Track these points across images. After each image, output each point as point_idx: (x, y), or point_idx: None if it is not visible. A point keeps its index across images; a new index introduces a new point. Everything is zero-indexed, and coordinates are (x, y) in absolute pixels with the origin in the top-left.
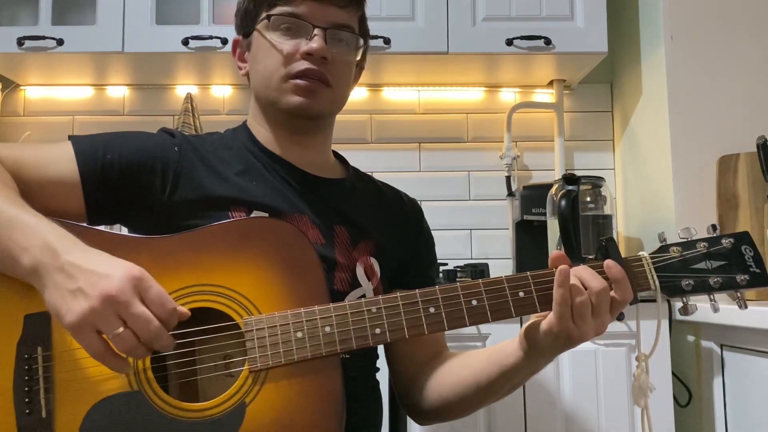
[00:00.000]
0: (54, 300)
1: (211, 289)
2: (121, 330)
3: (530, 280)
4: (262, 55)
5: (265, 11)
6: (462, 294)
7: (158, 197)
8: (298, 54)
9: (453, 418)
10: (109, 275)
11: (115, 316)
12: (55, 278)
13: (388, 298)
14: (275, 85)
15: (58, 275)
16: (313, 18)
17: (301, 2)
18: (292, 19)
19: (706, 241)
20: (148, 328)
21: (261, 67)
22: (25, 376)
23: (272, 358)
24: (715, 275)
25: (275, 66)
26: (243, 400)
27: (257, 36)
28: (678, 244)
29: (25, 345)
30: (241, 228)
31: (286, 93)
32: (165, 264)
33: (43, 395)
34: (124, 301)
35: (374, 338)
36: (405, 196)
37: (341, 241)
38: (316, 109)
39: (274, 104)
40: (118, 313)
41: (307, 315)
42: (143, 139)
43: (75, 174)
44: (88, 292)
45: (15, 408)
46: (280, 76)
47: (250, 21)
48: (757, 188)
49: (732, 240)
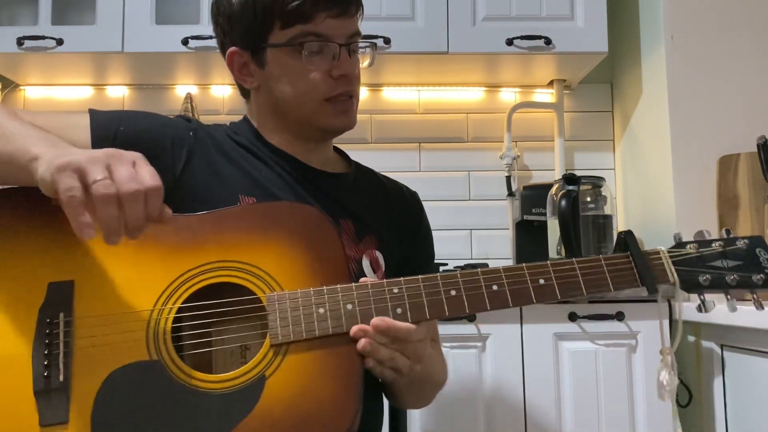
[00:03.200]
0: (49, 157)
1: (235, 265)
2: (103, 176)
3: (550, 268)
4: (291, 78)
5: (279, 28)
6: (483, 278)
7: (168, 174)
8: (332, 76)
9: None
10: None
11: (104, 167)
12: (58, 151)
13: (410, 279)
14: (311, 107)
15: (62, 150)
16: (335, 36)
17: (321, 21)
18: (320, 42)
19: (722, 242)
20: (130, 185)
21: (289, 89)
22: (45, 340)
23: (294, 332)
24: (731, 273)
25: (308, 89)
26: (263, 373)
27: (277, 56)
28: (694, 242)
29: (47, 311)
30: (266, 209)
31: (325, 115)
32: (190, 239)
33: (62, 360)
34: (120, 158)
35: (395, 318)
36: (405, 189)
37: (348, 234)
38: (353, 125)
39: (308, 124)
40: (108, 166)
41: (330, 292)
42: (159, 118)
43: (87, 143)
44: (89, 152)
45: (33, 371)
46: (317, 99)
47: (256, 36)
48: (757, 188)
49: (747, 242)
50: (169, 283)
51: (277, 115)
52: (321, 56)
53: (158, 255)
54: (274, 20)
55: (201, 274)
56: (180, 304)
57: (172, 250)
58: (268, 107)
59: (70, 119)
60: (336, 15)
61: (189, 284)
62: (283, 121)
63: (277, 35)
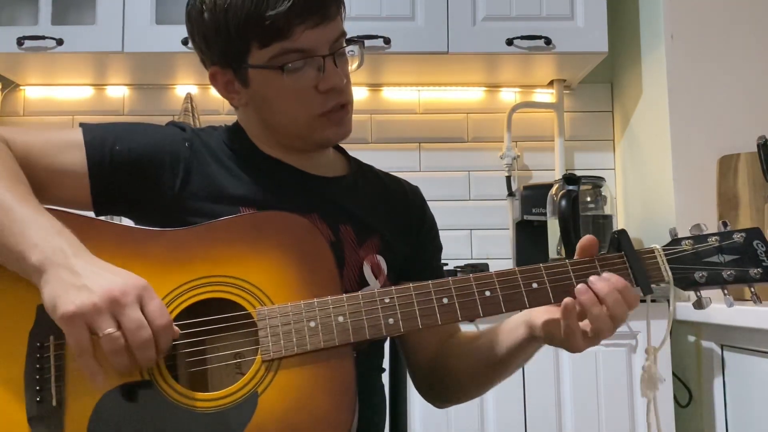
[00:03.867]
0: (54, 291)
1: (224, 280)
2: (112, 330)
3: (543, 272)
4: (278, 98)
5: (257, 48)
6: (475, 284)
7: (167, 191)
8: (320, 91)
9: (468, 397)
10: (115, 279)
11: (112, 316)
12: (61, 274)
13: (401, 288)
14: (304, 123)
15: (64, 272)
16: (317, 48)
17: (300, 34)
18: (303, 60)
19: (718, 236)
20: (140, 334)
21: (278, 108)
22: (36, 365)
23: (285, 347)
24: (728, 268)
25: (299, 108)
26: (255, 390)
27: (260, 76)
28: (689, 237)
29: (38, 334)
30: (254, 221)
31: (319, 129)
32: (178, 255)
33: (54, 384)
34: (125, 303)
35: (387, 328)
36: (406, 185)
37: (348, 240)
38: (349, 134)
39: (302, 138)
40: (115, 314)
41: (320, 305)
42: (153, 131)
43: (83, 164)
44: (92, 289)
45: (26, 396)
46: (309, 116)
47: (235, 57)
48: (757, 188)
49: (744, 235)
50: None
51: (269, 129)
52: (305, 71)
53: (147, 272)
54: (250, 40)
55: (190, 290)
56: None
57: (161, 266)
58: (259, 122)
59: (62, 138)
60: (314, 25)
61: (178, 301)
62: (275, 134)
63: (256, 55)
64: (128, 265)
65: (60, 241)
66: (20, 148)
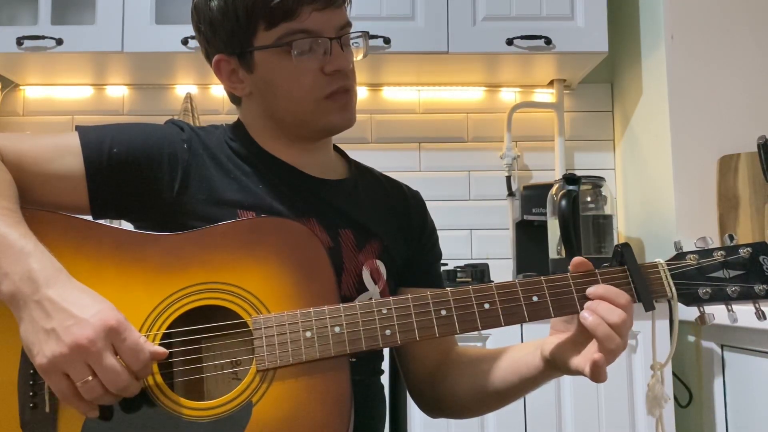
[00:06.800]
0: (28, 336)
1: (220, 287)
2: (89, 379)
3: (544, 284)
4: (283, 80)
5: (263, 29)
6: (474, 297)
7: (165, 194)
8: (325, 73)
9: (467, 417)
10: (83, 321)
11: (85, 365)
12: (32, 312)
13: (399, 299)
14: (308, 107)
15: (35, 309)
16: (324, 30)
17: (307, 15)
18: (310, 39)
19: (723, 250)
20: (117, 380)
21: (283, 92)
22: (30, 371)
23: (280, 358)
24: (732, 284)
25: (303, 89)
26: (250, 399)
27: (266, 59)
28: (694, 252)
29: None
30: (251, 227)
31: (323, 114)
32: (174, 261)
33: (48, 390)
34: (95, 352)
35: (384, 340)
36: (407, 190)
37: (347, 245)
38: (353, 122)
39: (307, 125)
40: (87, 362)
41: (317, 315)
42: (151, 132)
43: (80, 168)
44: (60, 336)
45: (19, 402)
46: (314, 99)
47: (241, 40)
48: (757, 188)
49: (750, 249)
50: (153, 307)
51: (273, 120)
52: (312, 53)
53: (142, 278)
54: (257, 21)
55: (186, 297)
56: (165, 330)
57: (157, 272)
58: (262, 112)
59: (57, 143)
60: (322, 7)
61: (174, 308)
62: (278, 125)
63: (262, 37)
64: (124, 272)
65: (31, 267)
66: (12, 156)
